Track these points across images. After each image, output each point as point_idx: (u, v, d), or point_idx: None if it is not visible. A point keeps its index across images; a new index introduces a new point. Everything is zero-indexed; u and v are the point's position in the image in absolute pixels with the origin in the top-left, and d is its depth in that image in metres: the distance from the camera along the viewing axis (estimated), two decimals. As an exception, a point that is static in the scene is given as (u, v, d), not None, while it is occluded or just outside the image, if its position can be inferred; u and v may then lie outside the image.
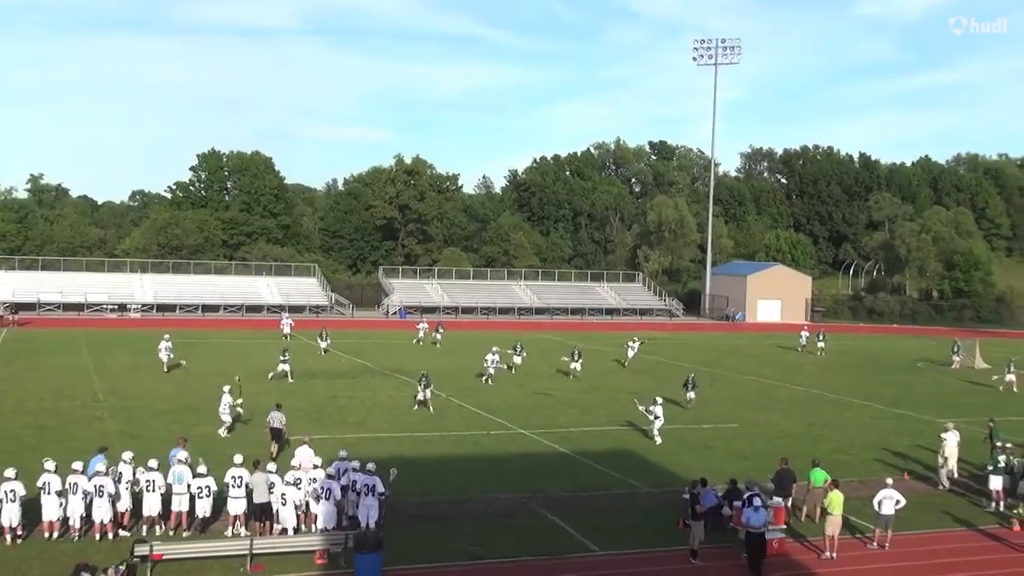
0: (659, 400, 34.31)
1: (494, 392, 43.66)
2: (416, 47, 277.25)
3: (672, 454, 31.99)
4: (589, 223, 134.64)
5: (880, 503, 22.37)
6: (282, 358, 46.39)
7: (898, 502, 22.39)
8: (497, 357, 47.50)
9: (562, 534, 22.84)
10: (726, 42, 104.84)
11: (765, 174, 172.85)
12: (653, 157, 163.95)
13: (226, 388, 33.34)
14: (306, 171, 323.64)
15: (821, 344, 66.17)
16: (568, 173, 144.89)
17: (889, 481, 23.37)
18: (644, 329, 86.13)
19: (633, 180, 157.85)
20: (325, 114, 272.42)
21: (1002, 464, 26.51)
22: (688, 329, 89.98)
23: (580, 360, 50.67)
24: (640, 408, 34.86)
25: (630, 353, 57.12)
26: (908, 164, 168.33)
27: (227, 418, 32.63)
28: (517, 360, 51.70)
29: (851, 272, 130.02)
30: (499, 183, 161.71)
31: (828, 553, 21.75)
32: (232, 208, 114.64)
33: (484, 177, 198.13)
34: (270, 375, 45.34)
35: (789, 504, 24.23)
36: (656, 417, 33.65)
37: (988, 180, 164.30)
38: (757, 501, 19.92)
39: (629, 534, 22.85)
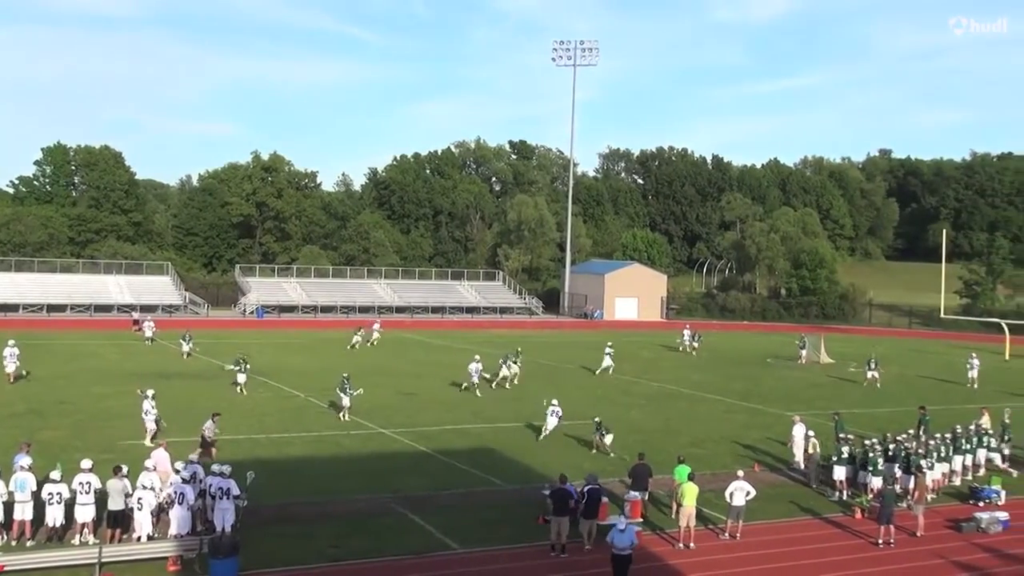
0: (556, 401, 34.78)
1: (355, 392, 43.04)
2: (273, 42, 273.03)
3: (532, 450, 32.30)
4: (450, 222, 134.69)
5: (732, 494, 23.07)
6: (237, 368, 43.10)
7: (749, 493, 23.14)
8: (480, 366, 44.67)
9: (422, 533, 22.80)
10: (584, 43, 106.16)
11: (622, 174, 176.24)
12: (513, 156, 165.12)
13: (149, 392, 31.94)
14: (159, 166, 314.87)
15: (696, 344, 67.49)
16: (429, 171, 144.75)
17: (740, 473, 24.13)
18: (503, 327, 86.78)
19: (493, 179, 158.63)
20: (179, 108, 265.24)
21: (845, 455, 27.69)
22: (548, 327, 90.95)
23: (518, 362, 48.52)
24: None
25: (607, 360, 53.75)
26: (758, 166, 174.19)
27: (152, 425, 30.98)
28: (508, 371, 47.20)
29: (704, 270, 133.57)
30: (359, 181, 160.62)
31: (681, 544, 22.33)
32: (80, 204, 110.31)
33: (344, 175, 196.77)
34: (238, 389, 42.65)
35: (646, 498, 24.77)
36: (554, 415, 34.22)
37: (832, 182, 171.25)
38: (621, 523, 19.93)
39: (489, 531, 22.98)
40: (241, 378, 42.55)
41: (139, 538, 20.64)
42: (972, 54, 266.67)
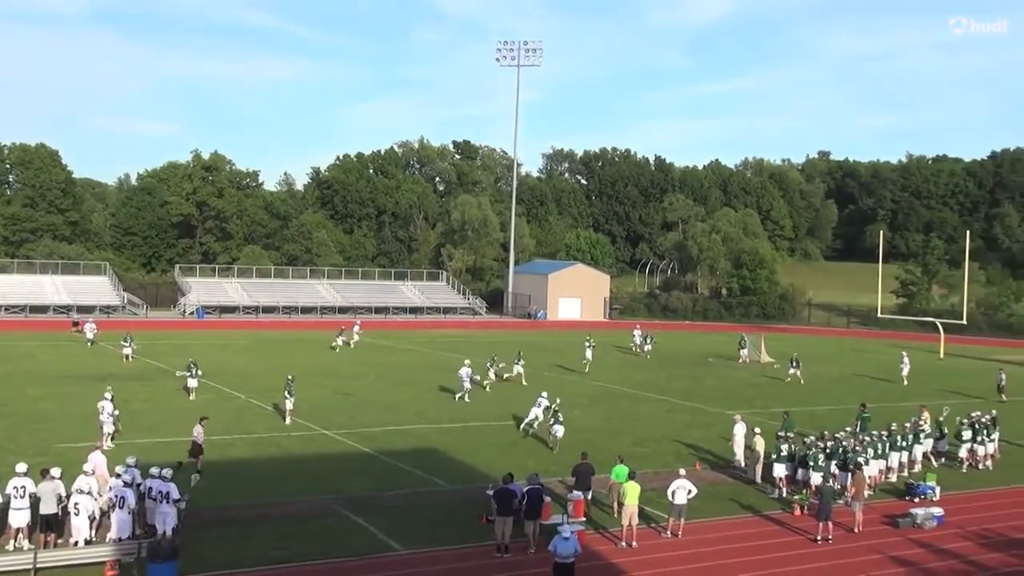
0: (544, 394, 35.86)
1: (297, 393, 42.57)
2: (214, 40, 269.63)
3: (475, 450, 32.30)
4: (393, 221, 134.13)
5: (673, 493, 23.23)
6: (188, 373, 41.76)
7: (690, 492, 23.32)
8: (470, 371, 43.72)
9: (365, 534, 22.69)
10: (528, 44, 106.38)
11: (566, 175, 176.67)
12: (457, 156, 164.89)
13: (107, 395, 31.50)
14: (96, 165, 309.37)
15: (648, 346, 67.16)
16: (372, 171, 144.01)
17: (682, 472, 24.29)
18: (447, 328, 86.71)
19: (437, 179, 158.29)
20: (117, 106, 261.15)
21: (785, 453, 28.03)
22: (492, 327, 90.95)
23: (521, 362, 50.37)
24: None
25: (588, 353, 56.94)
26: (700, 167, 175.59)
27: (109, 428, 30.55)
28: (493, 373, 47.84)
29: (647, 271, 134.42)
30: (301, 180, 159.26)
31: (623, 542, 22.46)
32: (15, 203, 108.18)
33: (286, 174, 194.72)
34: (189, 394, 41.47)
35: (589, 497, 24.88)
36: (537, 417, 34.83)
37: (772, 184, 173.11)
38: (566, 531, 19.58)
39: (432, 531, 22.93)
40: (192, 383, 41.50)
41: (76, 543, 20.28)
42: (910, 58, 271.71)
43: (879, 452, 29.08)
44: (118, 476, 21.51)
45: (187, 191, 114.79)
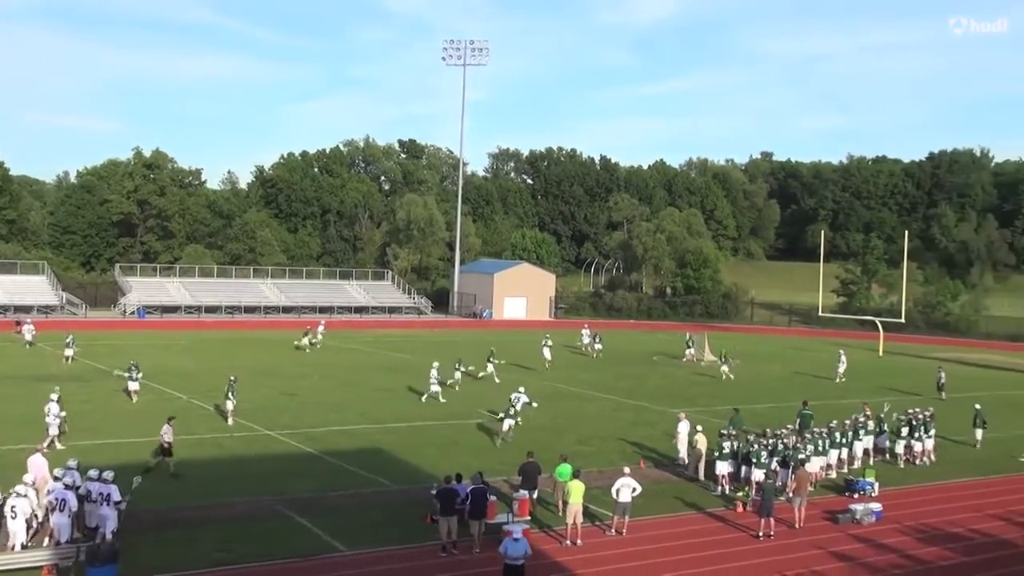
0: (521, 388, 36.49)
1: (240, 393, 41.98)
2: (156, 35, 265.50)
3: (419, 450, 32.23)
4: (338, 220, 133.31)
5: (618, 491, 23.36)
6: (128, 375, 40.90)
7: (635, 490, 23.47)
8: (437, 373, 43.09)
9: (309, 535, 22.56)
10: (475, 43, 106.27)
11: (512, 174, 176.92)
12: (403, 155, 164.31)
13: (54, 396, 30.94)
14: (34, 163, 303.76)
15: (598, 346, 66.90)
16: (317, 170, 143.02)
17: (626, 470, 24.44)
18: (392, 327, 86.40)
19: (382, 178, 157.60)
20: (55, 102, 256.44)
21: (727, 450, 28.30)
22: (437, 326, 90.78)
23: (495, 360, 51.18)
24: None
25: (547, 353, 57.95)
26: (645, 167, 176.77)
27: (55, 430, 30.08)
28: (490, 368, 49.87)
29: (592, 270, 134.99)
30: (245, 179, 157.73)
31: (568, 541, 22.55)
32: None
33: (229, 173, 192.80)
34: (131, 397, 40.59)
35: (535, 496, 24.95)
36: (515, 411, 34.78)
37: (716, 184, 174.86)
38: (516, 532, 19.55)
39: (377, 532, 22.86)
40: (133, 386, 40.63)
41: (12, 547, 19.89)
42: (851, 61, 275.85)
43: (820, 449, 29.51)
44: (57, 479, 21.14)
45: (128, 189, 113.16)
